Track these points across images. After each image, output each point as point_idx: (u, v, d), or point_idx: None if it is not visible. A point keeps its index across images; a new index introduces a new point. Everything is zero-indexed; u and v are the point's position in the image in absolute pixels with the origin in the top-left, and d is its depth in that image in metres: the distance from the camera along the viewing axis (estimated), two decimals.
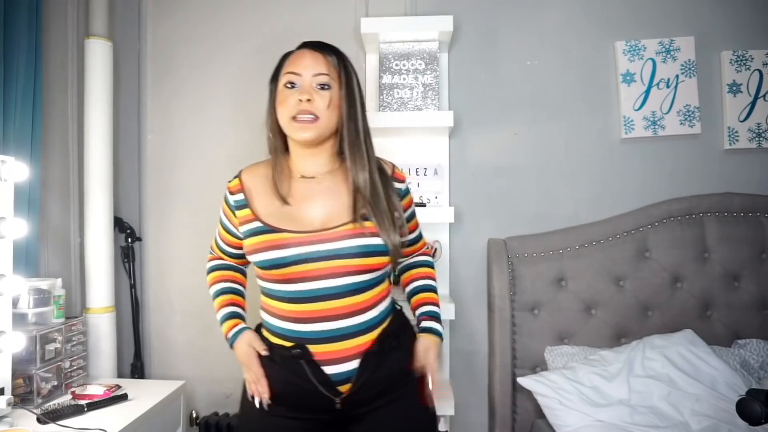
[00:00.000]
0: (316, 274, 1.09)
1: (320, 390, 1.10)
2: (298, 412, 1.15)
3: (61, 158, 1.95)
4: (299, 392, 1.12)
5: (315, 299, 1.10)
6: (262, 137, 2.06)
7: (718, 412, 1.46)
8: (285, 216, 1.14)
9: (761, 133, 1.90)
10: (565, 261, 1.85)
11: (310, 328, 1.11)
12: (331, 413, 1.13)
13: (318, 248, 1.10)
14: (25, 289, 1.59)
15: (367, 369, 1.12)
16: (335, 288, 1.10)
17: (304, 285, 1.10)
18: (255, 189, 1.20)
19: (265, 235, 1.12)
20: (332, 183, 1.19)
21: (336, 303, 1.10)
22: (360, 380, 1.11)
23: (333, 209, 1.15)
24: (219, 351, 2.06)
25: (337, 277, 1.10)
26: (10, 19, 1.65)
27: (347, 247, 1.10)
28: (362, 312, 1.13)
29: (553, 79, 1.96)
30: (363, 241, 1.11)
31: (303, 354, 1.11)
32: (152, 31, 2.10)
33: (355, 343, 1.12)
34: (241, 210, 1.20)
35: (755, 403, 1.03)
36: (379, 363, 1.13)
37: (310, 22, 2.03)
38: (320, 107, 1.13)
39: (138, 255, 2.09)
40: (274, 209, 1.15)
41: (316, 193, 1.17)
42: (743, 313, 1.80)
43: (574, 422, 1.52)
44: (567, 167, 1.96)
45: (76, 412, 1.46)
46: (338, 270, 1.10)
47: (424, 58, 1.81)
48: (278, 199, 1.16)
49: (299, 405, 1.14)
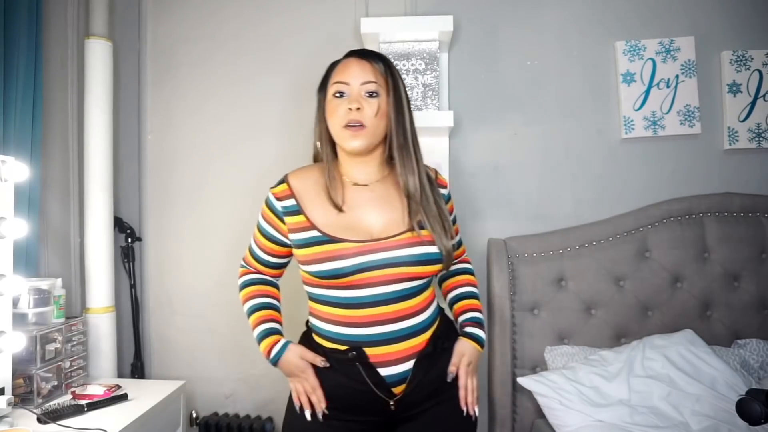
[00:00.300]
0: (372, 281, 1.11)
1: (375, 392, 1.12)
2: (351, 415, 1.16)
3: (61, 158, 1.95)
4: (354, 395, 1.14)
5: (369, 305, 1.12)
6: (262, 137, 2.07)
7: (718, 412, 1.46)
8: (342, 225, 1.15)
9: (761, 133, 1.90)
10: (565, 261, 1.85)
11: (365, 331, 1.12)
12: (383, 415, 1.15)
13: (377, 257, 1.11)
14: (25, 289, 1.59)
15: (420, 370, 1.15)
16: (390, 294, 1.12)
17: (359, 291, 1.12)
18: (307, 194, 1.19)
19: (325, 246, 1.12)
20: (385, 191, 1.21)
21: (390, 308, 1.12)
22: (414, 381, 1.14)
23: (390, 217, 1.17)
24: (219, 351, 2.07)
25: (392, 284, 1.12)
26: (10, 19, 1.65)
27: (405, 256, 1.12)
28: (414, 315, 1.15)
29: (553, 79, 1.96)
30: (420, 249, 1.13)
31: (359, 357, 1.12)
32: (152, 30, 2.10)
33: (408, 345, 1.14)
34: (292, 216, 1.18)
35: (755, 403, 1.03)
36: (431, 364, 1.16)
37: (310, 21, 2.03)
38: (369, 115, 1.15)
39: (138, 255, 2.09)
40: (331, 218, 1.15)
41: (370, 201, 1.19)
42: (743, 313, 1.80)
43: (574, 422, 1.52)
44: (567, 167, 1.96)
45: (76, 412, 1.46)
46: (394, 277, 1.12)
47: (424, 58, 1.81)
48: (333, 207, 1.16)
49: (353, 408, 1.16)
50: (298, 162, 2.00)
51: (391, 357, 1.13)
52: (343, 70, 1.19)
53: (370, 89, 1.16)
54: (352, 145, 1.15)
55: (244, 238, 2.04)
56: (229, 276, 2.05)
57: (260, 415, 2.04)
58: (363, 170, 1.21)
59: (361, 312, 1.12)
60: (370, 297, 1.11)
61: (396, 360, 1.13)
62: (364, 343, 1.13)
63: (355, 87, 1.16)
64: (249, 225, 2.03)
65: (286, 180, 1.23)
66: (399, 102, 1.19)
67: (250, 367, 2.05)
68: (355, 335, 1.13)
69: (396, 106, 1.18)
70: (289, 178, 1.23)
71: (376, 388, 1.12)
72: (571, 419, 1.53)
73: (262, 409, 2.04)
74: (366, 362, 1.12)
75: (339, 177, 1.22)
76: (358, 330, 1.13)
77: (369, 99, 1.16)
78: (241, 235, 2.05)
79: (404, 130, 1.18)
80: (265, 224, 1.25)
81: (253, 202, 2.04)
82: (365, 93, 1.16)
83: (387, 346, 1.13)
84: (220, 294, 2.05)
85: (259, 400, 2.05)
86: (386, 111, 1.17)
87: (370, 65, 1.18)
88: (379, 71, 1.18)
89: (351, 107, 1.14)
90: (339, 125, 1.16)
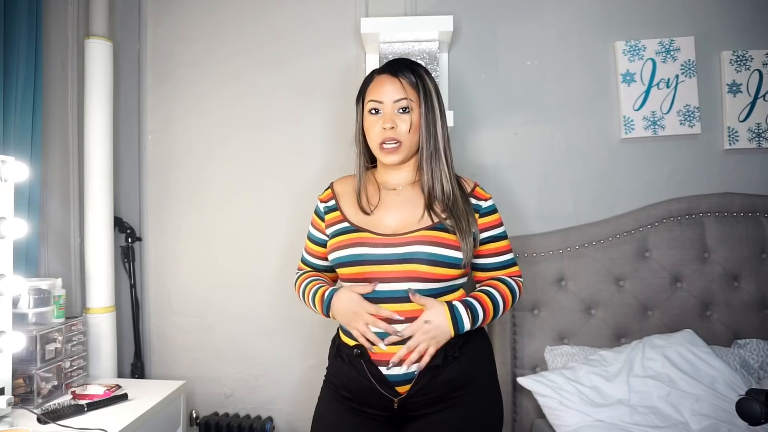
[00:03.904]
0: (387, 276, 1.18)
1: (378, 389, 1.18)
2: (364, 407, 1.23)
3: (61, 158, 1.95)
4: (362, 389, 1.20)
5: (385, 300, 1.17)
6: (263, 135, 2.08)
7: (718, 412, 1.46)
8: (368, 221, 1.25)
9: (761, 133, 1.90)
10: (565, 261, 1.85)
11: (374, 328, 1.18)
12: (389, 411, 1.21)
13: (390, 251, 1.18)
14: (25, 289, 1.59)
15: (426, 375, 1.18)
16: (399, 291, 1.17)
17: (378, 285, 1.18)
18: (345, 196, 1.32)
19: (349, 234, 1.23)
20: (411, 194, 1.29)
21: (400, 306, 1.17)
22: (417, 385, 1.18)
23: (407, 217, 1.24)
24: (219, 351, 2.07)
25: (401, 281, 1.17)
26: (10, 19, 1.65)
27: (416, 252, 1.17)
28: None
29: (553, 79, 1.96)
30: (433, 249, 1.17)
31: (362, 354, 1.19)
32: (152, 31, 2.10)
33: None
34: (330, 213, 1.32)
35: (755, 403, 1.03)
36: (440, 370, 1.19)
37: (310, 21, 2.03)
38: (402, 132, 1.24)
39: (138, 255, 2.09)
40: (360, 217, 1.27)
41: (395, 203, 1.28)
42: (743, 313, 1.80)
43: (574, 422, 1.52)
44: (567, 167, 1.96)
45: (76, 412, 1.46)
46: (408, 274, 1.17)
47: (424, 58, 1.81)
48: (360, 211, 1.27)
49: (363, 401, 1.22)
50: (299, 160, 2.03)
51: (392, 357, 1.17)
52: (376, 88, 1.27)
53: (402, 105, 1.24)
54: (388, 160, 1.26)
55: (245, 237, 2.06)
56: (229, 276, 2.06)
57: (260, 415, 2.04)
58: (396, 176, 1.32)
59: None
60: (384, 292, 1.18)
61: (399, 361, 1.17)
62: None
63: (388, 105, 1.24)
64: (249, 223, 2.06)
65: (331, 186, 1.37)
66: (430, 113, 1.25)
67: (249, 367, 2.05)
68: None
69: (427, 118, 1.25)
70: (334, 184, 1.37)
71: (379, 385, 1.18)
72: (571, 419, 1.53)
73: (262, 409, 2.05)
74: (368, 359, 1.19)
75: (374, 180, 1.34)
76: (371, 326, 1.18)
77: (402, 115, 1.24)
78: (242, 234, 2.06)
79: (435, 140, 1.25)
80: (313, 230, 1.37)
81: (253, 201, 2.06)
82: (398, 110, 1.24)
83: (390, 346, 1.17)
84: (220, 294, 2.06)
85: (259, 400, 2.05)
86: (418, 123, 1.25)
87: (400, 82, 1.24)
88: (411, 85, 1.25)
89: (385, 126, 1.23)
90: (376, 142, 1.26)
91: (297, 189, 2.01)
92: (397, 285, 1.17)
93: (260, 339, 2.04)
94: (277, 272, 2.02)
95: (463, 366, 1.20)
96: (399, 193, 1.29)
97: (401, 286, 1.17)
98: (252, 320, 2.05)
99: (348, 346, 1.23)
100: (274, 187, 2.04)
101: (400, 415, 1.22)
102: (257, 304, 2.04)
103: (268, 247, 2.04)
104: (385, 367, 1.17)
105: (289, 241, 2.00)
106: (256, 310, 2.04)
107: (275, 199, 2.04)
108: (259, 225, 2.05)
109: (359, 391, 1.22)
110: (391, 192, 1.30)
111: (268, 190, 2.05)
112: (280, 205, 2.03)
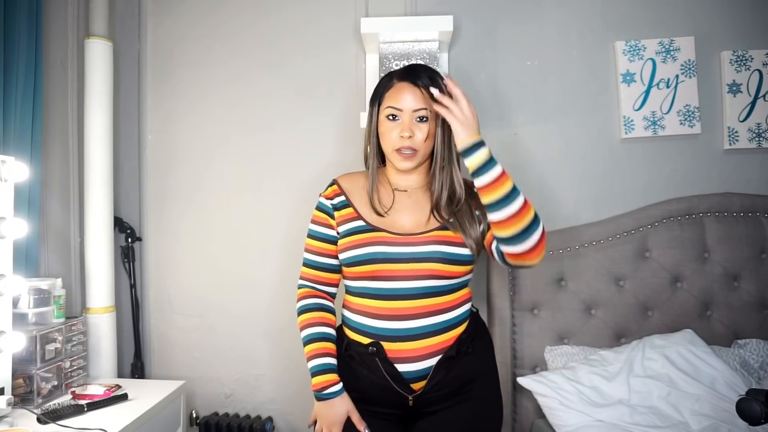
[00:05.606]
0: (400, 275, 1.20)
1: (393, 386, 1.19)
2: (375, 406, 1.23)
3: (61, 158, 1.95)
4: (375, 388, 1.21)
5: (396, 297, 1.20)
6: (262, 136, 2.07)
7: (718, 412, 1.46)
8: (382, 221, 1.27)
9: (761, 133, 1.90)
10: (565, 261, 1.85)
11: (387, 325, 1.20)
12: (403, 408, 1.23)
13: (404, 250, 1.21)
14: (25, 289, 1.59)
15: (441, 370, 1.20)
16: (415, 289, 1.20)
17: (388, 283, 1.21)
18: (355, 193, 1.32)
19: (365, 234, 1.24)
20: (420, 197, 1.31)
21: (414, 303, 1.20)
22: (433, 380, 1.20)
23: (419, 218, 1.27)
24: (219, 351, 2.07)
25: (418, 279, 1.20)
26: (10, 19, 1.65)
27: (428, 251, 1.21)
28: (437, 314, 1.21)
29: (553, 79, 1.96)
30: (443, 248, 1.21)
31: (377, 351, 1.20)
32: (152, 31, 2.10)
33: (427, 343, 1.20)
34: (341, 210, 1.30)
35: (755, 403, 1.03)
36: (452, 365, 1.22)
37: (310, 21, 2.03)
38: (419, 141, 1.25)
39: (138, 255, 2.09)
40: (373, 217, 1.28)
41: (406, 205, 1.30)
42: (743, 313, 1.80)
43: (574, 422, 1.52)
44: (567, 167, 1.96)
45: (76, 412, 1.46)
46: (420, 272, 1.20)
47: (424, 58, 1.81)
48: (374, 212, 1.28)
49: (376, 399, 1.23)
50: (299, 160, 2.03)
51: (408, 354, 1.19)
52: (395, 95, 1.26)
53: (421, 115, 1.25)
54: (403, 166, 1.27)
55: (245, 237, 2.06)
56: (229, 276, 2.06)
57: (260, 415, 2.04)
58: (408, 179, 1.33)
59: (388, 304, 1.21)
60: (397, 290, 1.20)
61: (414, 357, 1.19)
62: (384, 338, 1.21)
63: (407, 114, 1.25)
64: (249, 223, 2.06)
65: (336, 182, 1.35)
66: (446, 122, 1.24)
67: (249, 367, 2.05)
68: (377, 328, 1.21)
69: (443, 127, 1.26)
70: (339, 180, 1.36)
71: (394, 382, 1.19)
72: (571, 419, 1.53)
73: (262, 409, 2.05)
74: (384, 357, 1.20)
75: (386, 181, 1.34)
76: (381, 323, 1.21)
77: (419, 124, 1.25)
78: (242, 234, 2.06)
79: (449, 150, 1.28)
80: (316, 227, 1.33)
81: (253, 201, 2.06)
82: (416, 119, 1.25)
83: (406, 343, 1.19)
84: (220, 294, 2.06)
85: (259, 400, 2.05)
86: (434, 133, 1.27)
87: (421, 92, 1.24)
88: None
89: (403, 135, 1.24)
90: (392, 147, 1.26)
91: (297, 189, 2.01)
92: (411, 283, 1.20)
93: (260, 339, 2.04)
94: (277, 272, 2.02)
95: (472, 361, 1.25)
96: (410, 195, 1.32)
97: (415, 283, 1.20)
98: (252, 320, 2.05)
99: (360, 344, 1.23)
100: (274, 187, 2.04)
101: (411, 413, 1.23)
102: (257, 304, 2.04)
103: (268, 247, 2.04)
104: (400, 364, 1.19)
105: (289, 241, 2.00)
106: (256, 310, 2.04)
107: (275, 199, 2.04)
108: (259, 225, 2.05)
109: (371, 391, 1.22)
110: (402, 194, 1.32)
111: (268, 190, 2.05)
112: (280, 205, 2.03)
